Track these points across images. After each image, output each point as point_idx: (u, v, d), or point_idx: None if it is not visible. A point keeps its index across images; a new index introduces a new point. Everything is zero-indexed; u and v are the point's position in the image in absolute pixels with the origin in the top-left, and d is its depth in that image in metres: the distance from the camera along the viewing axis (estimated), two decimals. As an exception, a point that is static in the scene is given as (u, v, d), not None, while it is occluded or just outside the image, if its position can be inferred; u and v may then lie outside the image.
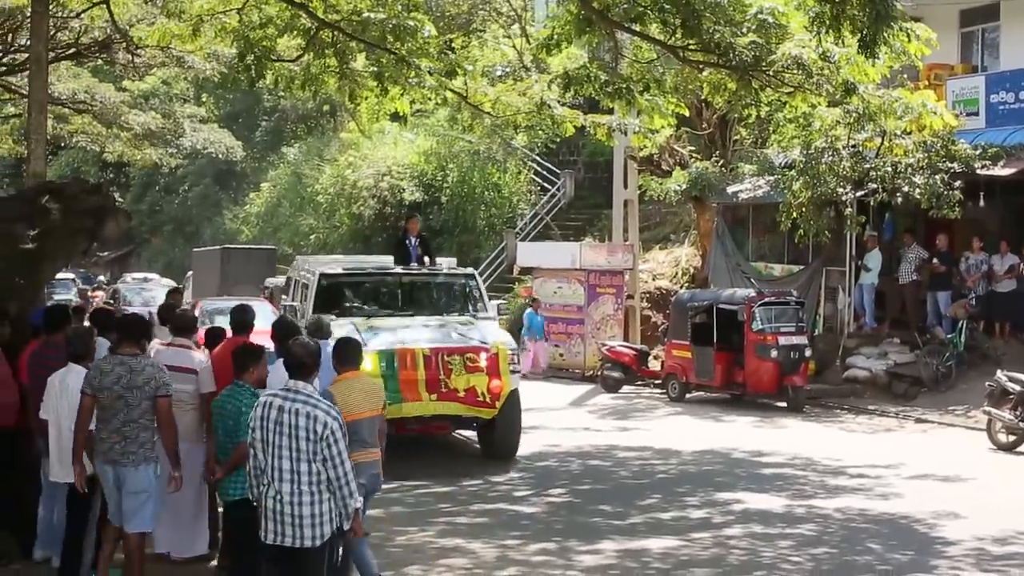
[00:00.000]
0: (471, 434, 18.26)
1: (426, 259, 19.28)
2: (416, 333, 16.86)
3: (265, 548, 8.07)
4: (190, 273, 48.00)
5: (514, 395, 16.82)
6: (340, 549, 8.55)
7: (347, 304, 18.03)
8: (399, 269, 18.88)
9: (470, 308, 18.41)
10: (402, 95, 16.70)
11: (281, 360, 10.32)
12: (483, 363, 16.38)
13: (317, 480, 7.79)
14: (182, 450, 10.02)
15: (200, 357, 11.26)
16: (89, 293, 44.48)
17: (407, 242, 19.20)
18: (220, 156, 49.72)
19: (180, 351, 11.38)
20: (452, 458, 17.75)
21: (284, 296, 21.60)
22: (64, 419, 9.85)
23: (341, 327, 16.00)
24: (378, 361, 15.83)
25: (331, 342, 10.96)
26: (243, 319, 11.80)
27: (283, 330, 11.08)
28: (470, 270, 19.98)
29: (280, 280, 37.73)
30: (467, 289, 18.87)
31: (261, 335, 11.78)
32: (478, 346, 16.57)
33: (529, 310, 29.11)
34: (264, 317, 19.62)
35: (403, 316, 17.58)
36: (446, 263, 21.25)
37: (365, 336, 15.88)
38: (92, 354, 10.51)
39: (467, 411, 16.47)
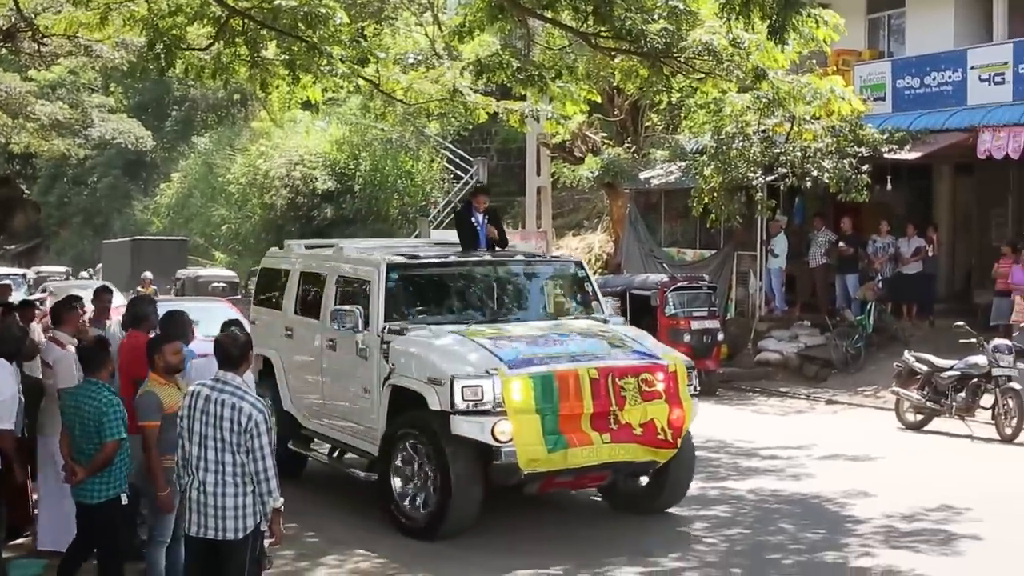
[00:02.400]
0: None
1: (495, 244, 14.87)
2: (561, 346, 12.29)
3: (188, 540, 8.05)
4: (99, 266, 47.47)
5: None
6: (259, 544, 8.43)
7: (425, 306, 13.44)
8: (490, 257, 14.24)
9: (584, 308, 14.14)
10: (314, 83, 16.58)
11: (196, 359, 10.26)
12: (660, 386, 12.08)
13: (241, 472, 7.75)
14: (52, 443, 10.25)
15: (57, 350, 11.11)
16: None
17: (473, 220, 14.72)
18: (129, 146, 49.26)
19: (50, 345, 11.32)
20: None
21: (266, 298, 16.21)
22: None
23: (439, 338, 12.32)
24: (531, 390, 11.48)
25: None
26: (136, 312, 11.38)
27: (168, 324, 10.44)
28: (577, 257, 15.85)
29: (192, 272, 37.54)
30: (577, 282, 14.50)
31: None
32: (654, 363, 12.29)
33: None
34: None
35: (507, 322, 13.15)
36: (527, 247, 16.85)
37: (500, 352, 11.84)
38: (23, 351, 10.54)
39: (645, 454, 12.01)
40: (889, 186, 24.43)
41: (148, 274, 33.14)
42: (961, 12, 25.82)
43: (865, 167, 23.24)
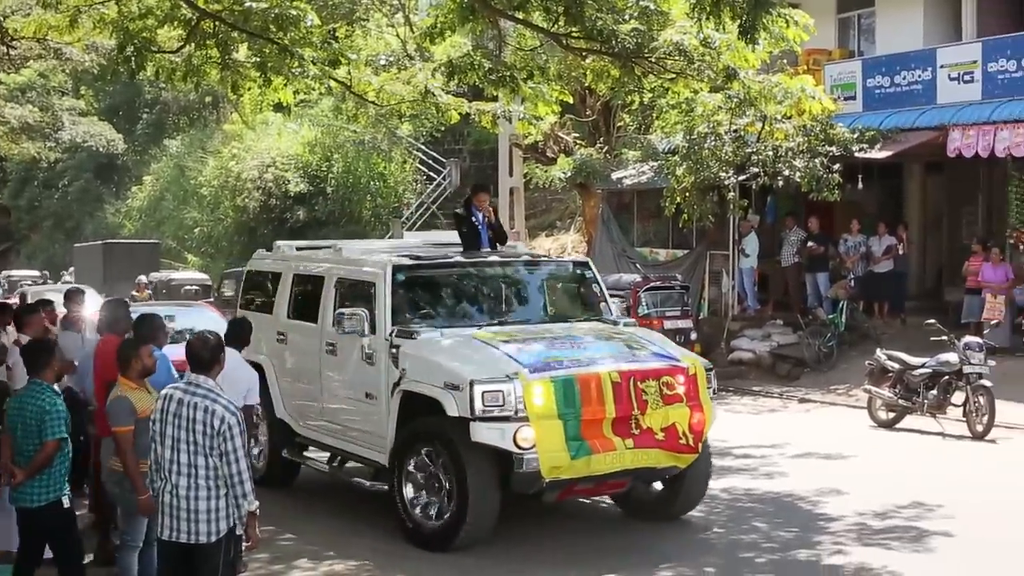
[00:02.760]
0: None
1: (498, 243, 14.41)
2: (579, 349, 11.86)
3: (160, 545, 8.03)
4: (71, 269, 47.26)
5: None
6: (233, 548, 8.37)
7: (431, 308, 12.89)
8: (497, 257, 13.82)
9: (592, 309, 13.70)
10: (285, 85, 16.54)
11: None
12: (681, 389, 11.72)
13: (214, 475, 7.72)
14: None
15: (17, 352, 11.11)
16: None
17: (473, 219, 14.20)
18: (101, 149, 49.13)
19: (12, 347, 11.32)
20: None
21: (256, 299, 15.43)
22: None
23: (452, 341, 11.90)
24: (553, 394, 11.05)
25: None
26: (109, 315, 11.31)
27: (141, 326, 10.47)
28: (582, 257, 14.62)
29: (164, 275, 37.39)
30: (584, 283, 14.04)
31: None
32: (674, 365, 11.92)
33: None
34: (215, 325, 19.09)
35: (517, 324, 12.62)
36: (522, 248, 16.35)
37: (519, 356, 11.39)
38: None
39: (667, 460, 11.63)
40: (860, 185, 24.55)
41: (143, 278, 32.71)
42: (930, 11, 25.97)
43: (836, 166, 23.33)
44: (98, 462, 10.53)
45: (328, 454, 13.99)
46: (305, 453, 14.29)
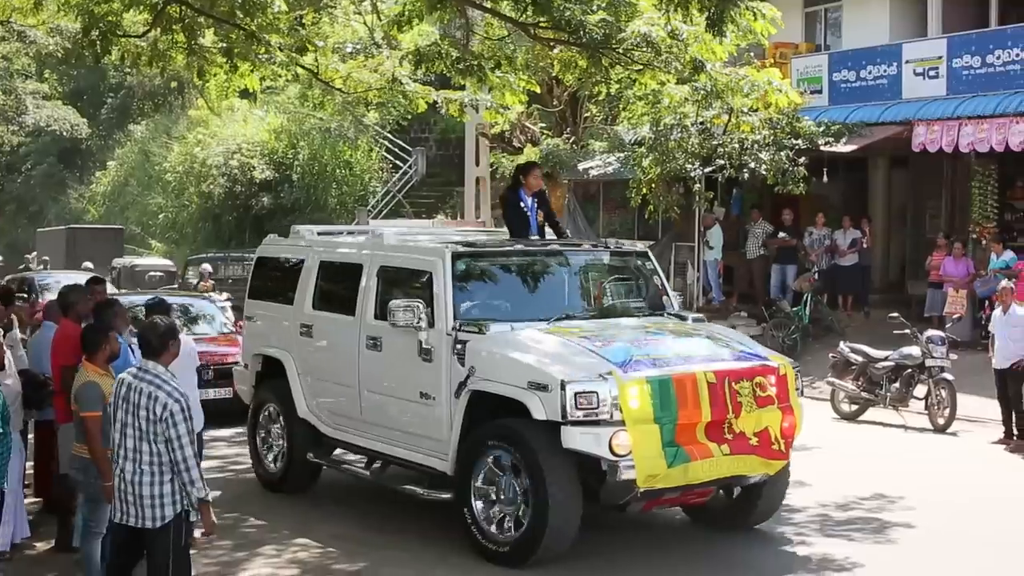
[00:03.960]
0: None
1: (547, 228, 13.38)
2: (665, 347, 10.93)
3: (112, 527, 8.08)
4: (34, 254, 46.95)
5: None
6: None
7: (492, 299, 11.71)
8: (557, 246, 12.68)
9: (655, 302, 12.74)
10: (252, 72, 16.50)
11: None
12: (773, 391, 10.81)
13: (158, 461, 7.77)
14: None
15: None
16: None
17: (522, 204, 13.12)
18: (64, 134, 48.69)
19: None
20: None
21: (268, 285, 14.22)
22: None
23: (530, 336, 10.89)
24: (649, 396, 10.09)
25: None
26: (64, 300, 11.19)
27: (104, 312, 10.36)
28: (641, 247, 13.82)
29: (128, 261, 37.17)
30: (645, 275, 13.04)
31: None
32: (765, 365, 11.04)
33: None
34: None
35: (586, 318, 11.77)
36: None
37: (606, 353, 10.44)
38: None
39: (761, 467, 10.80)
40: (825, 178, 24.67)
41: (207, 267, 31.34)
42: (896, 7, 26.11)
43: (802, 159, 23.40)
44: (53, 448, 10.51)
45: (364, 458, 12.98)
46: (333, 456, 13.37)
